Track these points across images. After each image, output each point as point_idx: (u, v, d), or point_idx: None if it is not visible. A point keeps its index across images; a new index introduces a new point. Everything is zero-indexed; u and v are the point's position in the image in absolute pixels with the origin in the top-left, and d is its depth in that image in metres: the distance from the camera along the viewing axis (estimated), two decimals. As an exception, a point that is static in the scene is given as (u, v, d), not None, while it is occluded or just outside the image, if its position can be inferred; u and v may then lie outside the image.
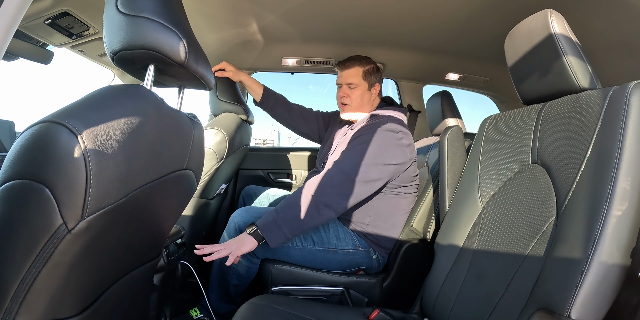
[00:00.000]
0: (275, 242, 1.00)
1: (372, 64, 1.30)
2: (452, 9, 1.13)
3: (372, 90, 1.30)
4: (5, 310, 0.46)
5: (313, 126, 1.57)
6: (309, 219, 1.01)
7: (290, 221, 1.00)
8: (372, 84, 1.30)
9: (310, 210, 1.02)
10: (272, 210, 1.04)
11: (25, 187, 0.42)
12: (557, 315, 0.54)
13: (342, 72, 1.31)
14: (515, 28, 0.79)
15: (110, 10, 0.57)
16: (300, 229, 1.02)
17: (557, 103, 0.71)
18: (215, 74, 1.41)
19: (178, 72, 0.65)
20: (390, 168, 1.11)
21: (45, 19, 1.08)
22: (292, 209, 1.02)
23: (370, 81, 1.29)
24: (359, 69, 1.28)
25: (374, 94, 1.31)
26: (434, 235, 1.03)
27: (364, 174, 1.06)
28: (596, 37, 1.05)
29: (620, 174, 0.53)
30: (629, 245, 0.52)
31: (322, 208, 1.02)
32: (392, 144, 1.11)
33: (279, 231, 1.00)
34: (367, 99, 1.30)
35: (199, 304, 1.25)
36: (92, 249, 0.51)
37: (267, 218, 1.02)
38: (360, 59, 1.30)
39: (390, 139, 1.11)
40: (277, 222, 1.00)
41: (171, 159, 0.64)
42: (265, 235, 0.99)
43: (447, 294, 0.82)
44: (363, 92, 1.29)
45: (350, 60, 1.30)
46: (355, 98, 1.29)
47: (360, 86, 1.28)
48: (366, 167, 1.06)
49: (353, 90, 1.29)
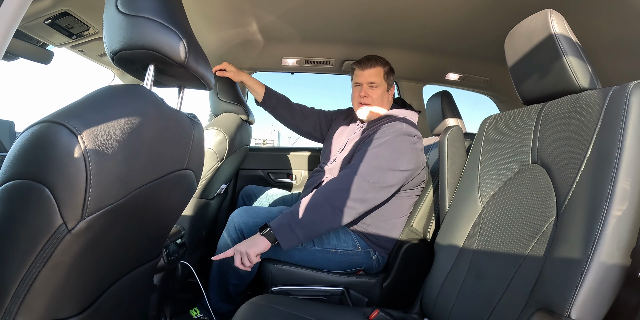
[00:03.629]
0: (288, 245, 0.98)
1: (389, 65, 1.30)
2: (452, 8, 1.13)
3: (390, 91, 1.31)
4: (5, 310, 0.46)
5: (315, 125, 1.55)
6: (324, 224, 1.00)
7: (305, 225, 0.98)
8: (390, 84, 1.30)
9: (325, 214, 1.00)
10: (287, 212, 1.02)
11: (25, 187, 0.42)
12: (557, 315, 0.54)
13: (363, 71, 1.28)
14: (515, 28, 0.79)
15: (110, 10, 0.57)
16: (314, 233, 1.00)
17: (557, 103, 0.71)
18: (216, 74, 1.42)
19: (178, 72, 0.65)
20: (406, 173, 1.10)
21: (45, 19, 1.08)
22: (307, 213, 1.00)
23: (389, 82, 1.29)
24: (380, 69, 1.27)
25: (390, 95, 1.32)
26: (434, 235, 1.03)
27: (381, 179, 1.04)
28: (596, 37, 1.05)
29: (620, 174, 0.53)
30: (629, 245, 0.52)
31: (337, 213, 1.00)
32: (408, 148, 1.11)
33: (293, 234, 0.98)
34: (386, 99, 1.30)
35: (199, 304, 1.25)
36: (92, 249, 0.51)
37: (281, 220, 1.00)
38: (379, 59, 1.29)
39: (407, 143, 1.11)
40: (292, 225, 0.98)
41: (171, 159, 0.64)
42: (278, 238, 0.98)
43: (447, 294, 0.82)
44: (383, 92, 1.28)
45: (372, 59, 1.28)
46: (376, 98, 1.27)
47: (381, 86, 1.27)
48: (383, 172, 1.05)
49: (374, 89, 1.27)
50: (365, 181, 1.03)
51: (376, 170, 1.04)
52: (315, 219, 0.99)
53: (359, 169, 1.05)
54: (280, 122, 1.56)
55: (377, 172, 1.04)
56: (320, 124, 1.55)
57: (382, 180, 1.04)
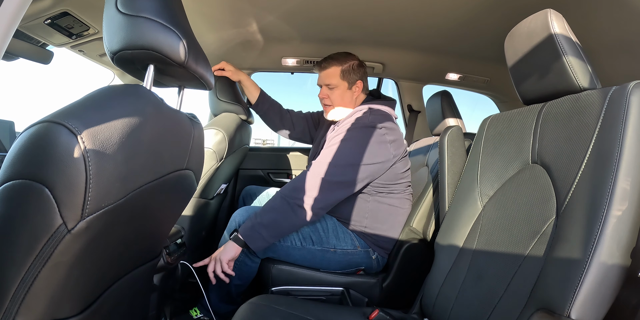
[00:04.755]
0: (256, 246, 1.01)
1: (352, 60, 1.25)
2: (452, 8, 1.13)
3: (353, 88, 1.26)
4: (5, 310, 0.46)
5: (304, 130, 1.58)
6: (286, 222, 1.02)
7: (269, 225, 1.01)
8: (352, 82, 1.25)
9: (285, 213, 1.02)
10: (252, 215, 1.05)
11: (25, 187, 0.42)
12: (557, 315, 0.54)
13: (320, 73, 1.27)
14: (515, 28, 0.79)
15: (110, 10, 0.57)
16: (278, 232, 1.02)
17: (557, 103, 0.71)
18: (214, 73, 1.42)
19: (178, 72, 0.65)
20: (371, 167, 1.07)
21: (45, 19, 1.08)
22: (268, 213, 1.03)
23: (351, 79, 1.24)
24: (336, 69, 1.24)
25: (356, 91, 1.27)
26: (434, 235, 1.03)
27: (339, 176, 1.04)
28: (596, 37, 1.05)
29: (620, 174, 0.53)
30: (629, 245, 0.52)
31: (297, 209, 1.02)
32: (374, 140, 1.07)
33: (259, 235, 1.01)
34: (349, 98, 1.26)
35: (198, 304, 1.25)
36: (91, 249, 0.51)
37: (246, 224, 1.03)
38: (338, 57, 1.25)
39: (371, 136, 1.07)
40: (255, 226, 1.01)
41: (171, 159, 0.64)
42: (246, 240, 1.01)
43: (447, 294, 0.82)
44: (343, 91, 1.25)
45: (327, 59, 1.26)
46: (335, 98, 1.26)
47: (340, 86, 1.24)
48: (341, 168, 1.04)
49: (332, 90, 1.25)
50: (322, 178, 1.03)
51: (334, 167, 1.04)
52: (276, 217, 1.02)
53: (316, 167, 1.06)
54: (269, 126, 1.59)
55: (335, 168, 1.04)
56: (309, 128, 1.58)
57: (341, 177, 1.04)
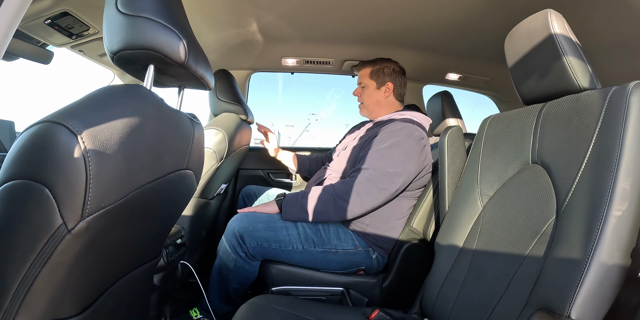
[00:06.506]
0: (286, 217, 1.14)
1: (386, 64, 1.34)
2: (452, 8, 1.13)
3: (382, 88, 1.33)
4: (5, 310, 0.46)
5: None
6: (324, 215, 1.11)
7: (309, 210, 1.11)
8: (381, 83, 1.34)
9: (328, 207, 1.10)
10: (301, 193, 1.15)
11: (25, 187, 0.42)
12: (557, 315, 0.54)
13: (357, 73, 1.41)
14: (515, 28, 0.79)
15: (110, 10, 0.57)
16: (312, 218, 1.11)
17: (557, 103, 0.71)
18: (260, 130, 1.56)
19: (178, 72, 0.65)
20: (411, 177, 1.14)
21: (45, 19, 1.08)
22: (313, 201, 1.12)
23: (379, 80, 1.33)
24: (367, 69, 1.36)
25: (386, 92, 1.34)
26: (434, 236, 1.03)
27: (390, 184, 1.10)
28: (596, 37, 1.05)
29: (620, 174, 0.53)
30: (629, 246, 0.52)
31: (339, 209, 1.09)
32: (417, 150, 1.14)
33: (295, 211, 1.12)
34: (379, 97, 1.34)
35: (198, 305, 1.25)
36: (92, 249, 0.51)
37: (295, 197, 1.15)
38: (376, 60, 1.37)
39: (415, 146, 1.14)
40: (298, 205, 1.12)
41: (171, 159, 0.64)
42: (283, 208, 1.14)
43: (447, 294, 0.82)
44: (372, 90, 1.34)
45: (365, 61, 1.39)
46: (365, 97, 1.36)
47: (369, 85, 1.35)
48: (389, 177, 1.10)
49: (363, 89, 1.37)
50: (375, 186, 1.09)
51: (385, 175, 1.09)
52: (318, 208, 1.11)
53: (370, 173, 1.11)
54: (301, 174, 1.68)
55: (386, 177, 1.09)
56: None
57: (391, 186, 1.10)
